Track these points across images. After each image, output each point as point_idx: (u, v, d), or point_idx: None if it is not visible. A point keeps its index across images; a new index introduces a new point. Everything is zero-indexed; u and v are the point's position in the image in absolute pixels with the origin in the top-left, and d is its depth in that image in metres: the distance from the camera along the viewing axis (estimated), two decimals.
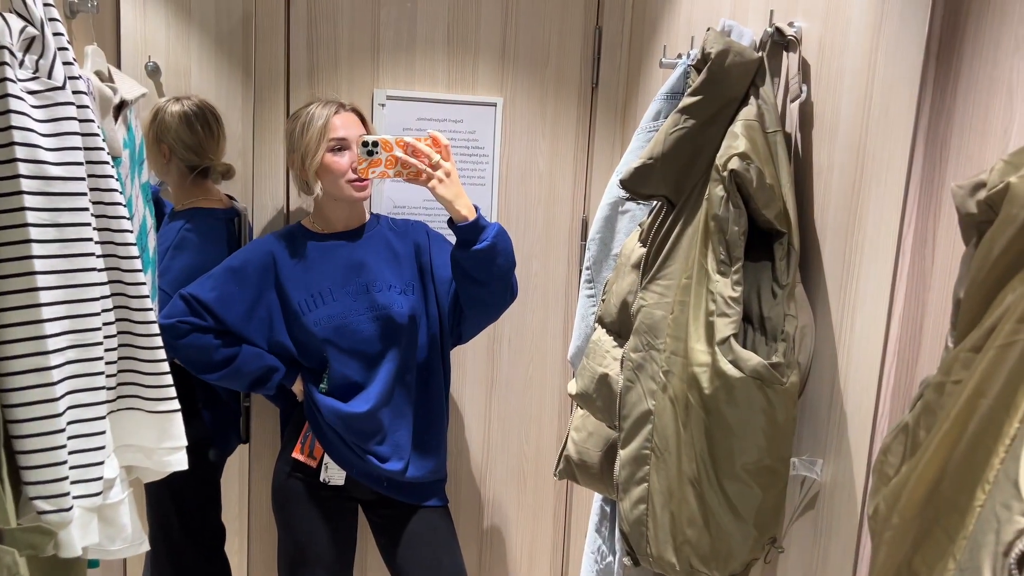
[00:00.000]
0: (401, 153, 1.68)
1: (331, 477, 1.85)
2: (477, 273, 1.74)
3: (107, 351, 1.14)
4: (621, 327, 1.52)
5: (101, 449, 1.12)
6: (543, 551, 2.42)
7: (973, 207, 0.72)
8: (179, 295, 1.79)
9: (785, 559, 1.33)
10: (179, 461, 1.29)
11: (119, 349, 1.21)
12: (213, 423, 2.12)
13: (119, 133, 1.43)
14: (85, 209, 1.06)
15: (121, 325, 1.21)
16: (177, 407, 1.26)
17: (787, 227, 1.22)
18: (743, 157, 1.20)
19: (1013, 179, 0.67)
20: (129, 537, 1.22)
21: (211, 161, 2.07)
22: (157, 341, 1.24)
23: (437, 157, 1.68)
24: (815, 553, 1.24)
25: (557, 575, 2.44)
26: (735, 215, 1.20)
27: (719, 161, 1.22)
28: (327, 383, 1.83)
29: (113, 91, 1.40)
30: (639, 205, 1.70)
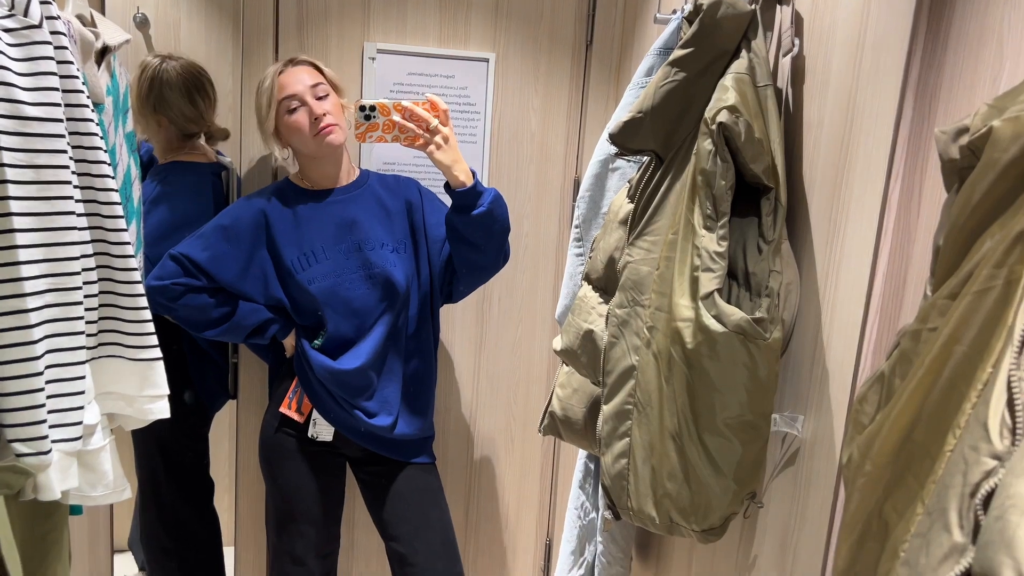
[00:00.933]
0: (399, 118, 1.65)
1: (319, 433, 1.85)
2: (473, 237, 1.73)
3: (87, 297, 1.13)
4: (607, 283, 1.51)
5: (81, 394, 1.11)
6: (530, 508, 2.44)
7: (956, 153, 0.71)
8: (169, 255, 1.76)
9: (764, 514, 1.34)
10: (161, 409, 1.28)
11: (100, 296, 1.20)
12: (200, 379, 2.12)
13: (102, 79, 1.40)
14: (63, 151, 1.04)
15: (102, 272, 1.19)
16: (159, 355, 1.26)
17: (775, 182, 1.21)
18: (732, 110, 1.18)
19: (996, 123, 0.65)
20: (111, 484, 1.22)
21: (208, 127, 2.05)
22: (139, 289, 1.22)
23: (435, 122, 1.66)
24: (794, 508, 1.25)
25: (543, 532, 2.47)
26: (722, 169, 1.19)
27: (708, 114, 1.21)
28: (323, 339, 1.82)
29: (95, 36, 1.37)
30: (628, 162, 1.69)
